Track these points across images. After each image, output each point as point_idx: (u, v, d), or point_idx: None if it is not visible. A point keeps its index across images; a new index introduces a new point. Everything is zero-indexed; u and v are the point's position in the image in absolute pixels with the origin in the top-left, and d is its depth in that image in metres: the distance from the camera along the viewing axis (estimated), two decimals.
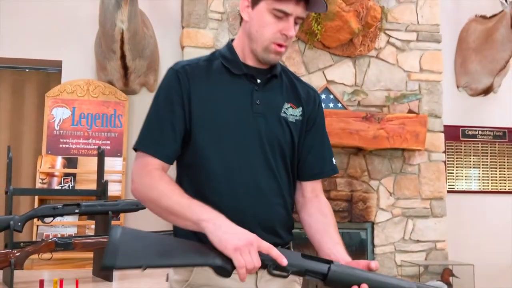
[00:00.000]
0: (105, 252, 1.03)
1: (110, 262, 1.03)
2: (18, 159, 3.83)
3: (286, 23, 1.23)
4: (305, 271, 1.13)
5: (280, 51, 1.26)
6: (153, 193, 1.20)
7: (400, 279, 1.18)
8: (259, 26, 1.25)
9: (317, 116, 1.38)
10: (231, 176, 1.25)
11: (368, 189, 4.01)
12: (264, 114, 1.29)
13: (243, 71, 1.30)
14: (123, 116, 3.82)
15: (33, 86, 4.08)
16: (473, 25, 4.48)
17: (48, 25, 3.95)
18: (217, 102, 1.27)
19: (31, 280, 2.46)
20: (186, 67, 1.29)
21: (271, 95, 1.32)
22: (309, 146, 1.36)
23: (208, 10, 3.90)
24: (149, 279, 2.62)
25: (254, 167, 1.26)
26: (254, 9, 1.26)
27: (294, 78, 1.40)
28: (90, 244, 2.40)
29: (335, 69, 4.06)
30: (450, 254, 4.12)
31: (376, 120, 3.84)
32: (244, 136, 1.27)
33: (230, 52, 1.33)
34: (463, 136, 4.51)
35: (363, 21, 3.82)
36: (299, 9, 1.23)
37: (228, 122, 1.26)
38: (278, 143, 1.29)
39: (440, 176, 4.12)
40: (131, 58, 3.62)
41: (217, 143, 1.26)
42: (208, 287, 1.25)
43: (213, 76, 1.30)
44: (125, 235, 1.07)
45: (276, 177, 1.29)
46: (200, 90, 1.27)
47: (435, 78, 4.21)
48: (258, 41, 1.26)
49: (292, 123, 1.32)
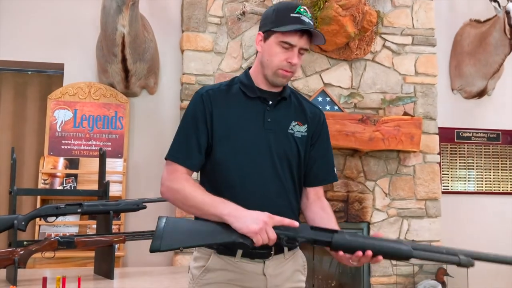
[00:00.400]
0: (153, 238, 1.33)
1: (156, 246, 1.33)
2: (20, 160, 3.88)
3: (291, 53, 1.48)
4: (313, 240, 1.37)
5: (287, 75, 1.51)
6: (181, 194, 1.45)
7: (399, 241, 1.36)
8: (269, 55, 1.50)
9: (321, 131, 1.62)
10: (245, 183, 1.49)
11: (364, 190, 4.07)
12: (274, 130, 1.53)
13: (257, 94, 1.55)
14: (124, 118, 3.88)
15: (36, 88, 4.12)
16: (467, 29, 4.54)
17: (51, 28, 3.99)
18: (235, 120, 1.52)
19: (34, 278, 2.52)
20: (210, 91, 1.55)
21: (280, 114, 1.56)
22: (314, 157, 1.60)
23: (207, 15, 3.96)
24: (149, 277, 2.68)
25: (264, 175, 1.50)
26: (266, 42, 1.51)
27: (302, 99, 1.64)
28: (92, 242, 2.44)
29: (332, 72, 4.12)
30: None
31: (372, 122, 3.90)
32: (256, 149, 1.51)
33: (247, 78, 1.58)
34: (458, 138, 4.57)
35: (359, 26, 3.88)
36: (303, 41, 1.48)
37: (243, 138, 1.51)
38: (285, 155, 1.53)
39: (435, 177, 4.18)
40: (132, 61, 3.66)
41: (233, 155, 1.50)
42: (222, 271, 1.50)
43: (232, 98, 1.55)
44: (168, 224, 1.36)
45: (283, 183, 1.52)
46: (221, 110, 1.52)
47: (430, 81, 4.27)
48: (269, 67, 1.51)
49: (298, 138, 1.56)
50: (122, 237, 2.52)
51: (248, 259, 1.50)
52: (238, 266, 1.49)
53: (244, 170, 1.49)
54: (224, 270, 1.50)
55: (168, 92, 4.09)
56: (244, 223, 1.32)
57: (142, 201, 2.57)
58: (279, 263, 1.53)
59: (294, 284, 1.57)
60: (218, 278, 1.50)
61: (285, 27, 1.45)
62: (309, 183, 1.61)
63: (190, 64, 3.89)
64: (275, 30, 1.48)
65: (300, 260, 1.61)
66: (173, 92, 4.08)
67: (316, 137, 1.60)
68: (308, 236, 1.37)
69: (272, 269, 1.51)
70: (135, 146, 3.97)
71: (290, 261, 1.57)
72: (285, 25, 1.46)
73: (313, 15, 3.82)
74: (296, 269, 1.58)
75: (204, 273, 1.52)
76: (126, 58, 3.62)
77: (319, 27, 3.80)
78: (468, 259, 1.34)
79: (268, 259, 1.50)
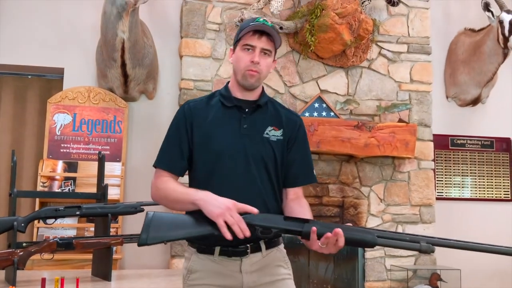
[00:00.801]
0: (141, 233, 1.45)
1: (143, 240, 1.45)
2: (20, 163, 3.90)
3: (253, 54, 1.63)
4: (285, 230, 1.48)
5: (253, 74, 1.65)
6: (165, 192, 1.62)
7: (365, 230, 1.46)
8: (237, 61, 1.68)
9: (298, 136, 1.73)
10: (223, 184, 1.61)
11: (359, 195, 4.12)
12: (249, 135, 1.66)
13: (234, 103, 1.69)
14: (122, 123, 3.92)
15: (35, 92, 4.15)
16: (462, 37, 4.60)
17: (51, 33, 4.04)
18: (212, 128, 1.66)
19: (33, 279, 2.54)
20: (191, 104, 1.72)
21: (256, 120, 1.69)
22: (292, 160, 1.71)
23: (206, 21, 4.01)
24: (146, 279, 2.71)
25: (240, 177, 1.62)
26: (235, 52, 1.70)
27: (280, 106, 1.78)
28: (91, 244, 2.48)
29: (328, 79, 4.18)
30: (438, 259, 4.22)
31: (367, 128, 3.95)
32: (232, 154, 1.63)
33: (226, 90, 1.74)
34: (452, 145, 4.62)
35: (355, 33, 3.93)
36: (262, 42, 1.64)
37: (220, 143, 1.64)
38: (261, 158, 1.64)
39: (429, 184, 4.24)
40: (131, 66, 3.70)
41: (213, 160, 1.63)
42: (201, 272, 1.63)
43: (211, 108, 1.70)
44: (154, 219, 1.48)
45: (259, 185, 1.63)
46: (200, 120, 1.68)
47: (425, 89, 4.33)
48: (238, 72, 1.67)
49: (274, 141, 1.68)
50: (120, 239, 2.55)
51: (225, 257, 1.61)
52: (216, 264, 1.61)
53: (222, 173, 1.62)
54: (203, 271, 1.62)
55: (166, 97, 4.14)
56: (210, 206, 1.47)
57: (140, 204, 2.60)
58: (257, 260, 1.63)
59: (275, 277, 1.66)
60: (199, 279, 1.63)
61: (243, 32, 1.64)
62: (289, 184, 1.72)
63: (188, 69, 3.94)
64: (237, 38, 1.67)
65: (279, 255, 1.70)
66: (171, 97, 4.12)
67: (293, 141, 1.72)
68: (281, 226, 1.48)
69: (248, 266, 1.61)
70: (133, 150, 4.01)
71: (269, 257, 1.66)
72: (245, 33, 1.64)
73: (310, 23, 3.88)
74: (276, 264, 1.67)
75: (189, 274, 1.65)
76: (125, 63, 3.66)
77: (316, 35, 3.86)
78: (428, 245, 1.40)
79: (245, 256, 1.61)
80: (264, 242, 1.63)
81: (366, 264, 4.08)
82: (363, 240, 1.43)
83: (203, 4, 4.02)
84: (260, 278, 1.63)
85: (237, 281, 1.61)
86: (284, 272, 1.69)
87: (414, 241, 1.42)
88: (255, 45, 1.63)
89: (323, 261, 4.09)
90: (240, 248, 1.60)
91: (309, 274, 4.04)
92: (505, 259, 4.48)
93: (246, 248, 1.61)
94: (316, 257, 4.06)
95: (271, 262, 1.66)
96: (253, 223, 1.47)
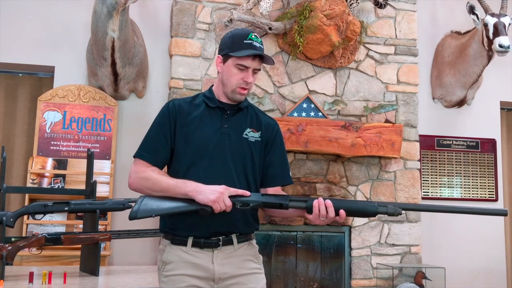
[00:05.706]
0: (132, 209, 1.65)
1: (133, 213, 1.64)
2: (9, 160, 3.92)
3: (246, 74, 1.74)
4: (263, 203, 1.67)
5: (244, 92, 1.77)
6: (150, 181, 1.69)
7: (338, 200, 1.69)
8: (228, 76, 1.76)
9: (275, 138, 1.86)
10: (201, 177, 1.68)
11: (346, 195, 4.17)
12: (229, 134, 1.76)
13: (217, 105, 1.80)
14: (112, 121, 3.95)
15: (26, 90, 4.18)
16: (448, 40, 4.67)
17: (42, 32, 4.06)
18: (195, 126, 1.75)
19: (21, 274, 2.58)
20: (176, 102, 1.81)
21: (236, 122, 1.80)
22: (270, 161, 1.83)
23: (196, 21, 4.06)
24: (133, 274, 2.75)
25: (218, 173, 1.71)
26: (225, 64, 1.77)
27: (259, 112, 1.90)
28: (78, 239, 2.51)
29: (317, 80, 4.23)
30: (423, 257, 4.29)
31: (355, 128, 4.01)
32: (212, 151, 1.73)
33: (210, 93, 1.84)
34: (438, 146, 4.69)
35: (343, 35, 4.00)
36: (255, 63, 1.75)
37: (201, 140, 1.74)
38: (239, 156, 1.75)
39: (415, 183, 4.30)
40: (121, 65, 3.74)
41: (193, 155, 1.73)
42: (175, 262, 1.72)
43: (195, 108, 1.80)
44: (145, 199, 1.67)
45: (234, 181, 1.72)
46: (183, 117, 1.76)
47: (412, 90, 4.40)
48: (228, 86, 1.77)
49: (252, 142, 1.79)
50: (108, 235, 2.59)
51: (198, 248, 1.70)
52: (189, 255, 1.71)
53: (201, 168, 1.71)
54: (177, 262, 1.71)
55: (156, 96, 4.18)
56: (204, 195, 1.61)
57: (128, 201, 2.62)
58: (228, 253, 1.72)
59: (246, 271, 1.74)
60: (174, 270, 1.71)
61: (239, 52, 1.71)
62: (268, 184, 1.84)
63: (178, 69, 3.98)
64: (231, 54, 1.73)
65: (251, 250, 1.79)
66: (161, 96, 4.16)
67: (271, 144, 1.84)
68: (259, 200, 1.66)
69: (220, 258, 1.71)
70: (122, 148, 4.04)
71: (240, 251, 1.74)
72: (240, 51, 1.71)
73: (299, 24, 3.94)
74: (246, 259, 1.77)
75: (164, 265, 1.74)
76: (115, 62, 3.69)
77: (304, 36, 3.91)
78: (395, 208, 1.59)
79: (217, 248, 1.70)
80: (235, 236, 1.72)
81: (352, 263, 4.14)
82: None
83: (193, 4, 4.07)
84: (231, 270, 1.71)
85: (209, 272, 1.69)
86: (255, 266, 1.77)
87: (382, 205, 1.61)
88: (249, 66, 1.73)
89: (310, 260, 4.14)
90: (212, 240, 1.69)
91: (295, 272, 4.09)
92: (489, 258, 4.58)
93: (218, 241, 1.70)
94: (303, 256, 4.12)
95: (242, 255, 1.74)
96: (235, 200, 1.64)
